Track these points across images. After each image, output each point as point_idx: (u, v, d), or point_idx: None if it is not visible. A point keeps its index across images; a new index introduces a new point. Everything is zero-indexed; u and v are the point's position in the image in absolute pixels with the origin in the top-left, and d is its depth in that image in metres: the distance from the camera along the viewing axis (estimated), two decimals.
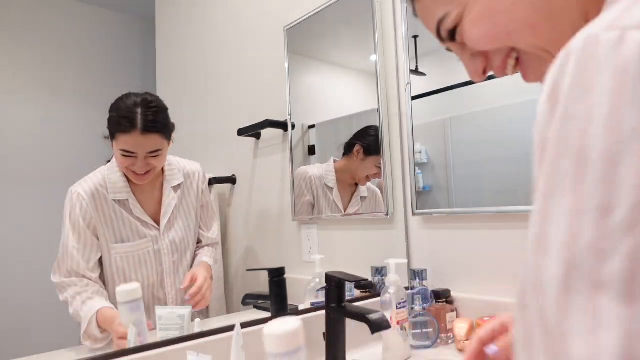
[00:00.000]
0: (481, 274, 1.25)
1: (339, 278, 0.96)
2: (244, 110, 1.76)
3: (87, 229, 1.12)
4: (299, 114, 1.59)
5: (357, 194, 1.50)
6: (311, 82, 1.65)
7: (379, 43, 1.46)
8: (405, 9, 1.43)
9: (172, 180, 1.26)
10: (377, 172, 1.44)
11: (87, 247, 1.12)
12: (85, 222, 1.12)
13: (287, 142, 1.59)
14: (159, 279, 1.21)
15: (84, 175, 1.19)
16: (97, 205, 1.14)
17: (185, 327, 1.00)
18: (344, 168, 1.51)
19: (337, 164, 1.53)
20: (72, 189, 1.15)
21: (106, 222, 1.15)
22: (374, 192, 1.48)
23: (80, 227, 1.12)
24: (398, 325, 1.09)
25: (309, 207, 1.54)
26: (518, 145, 1.17)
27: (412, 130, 1.41)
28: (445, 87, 1.34)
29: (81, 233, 1.12)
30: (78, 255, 1.10)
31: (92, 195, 1.14)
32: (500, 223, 1.22)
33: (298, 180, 1.56)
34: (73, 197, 1.13)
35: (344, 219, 1.51)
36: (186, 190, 1.30)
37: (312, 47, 1.64)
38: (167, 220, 1.23)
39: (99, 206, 1.14)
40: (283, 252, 1.61)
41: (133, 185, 1.19)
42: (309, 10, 1.56)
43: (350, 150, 1.49)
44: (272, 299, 1.11)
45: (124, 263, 1.16)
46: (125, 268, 1.16)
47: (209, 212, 1.37)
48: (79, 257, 1.10)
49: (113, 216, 1.15)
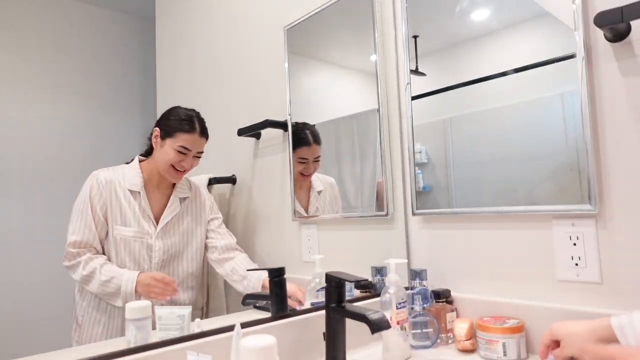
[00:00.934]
0: (481, 274, 1.25)
1: (339, 278, 0.96)
2: (244, 110, 1.75)
3: (99, 209, 1.26)
4: (299, 114, 1.59)
5: (312, 189, 1.55)
6: (311, 82, 1.65)
7: (379, 43, 1.46)
8: (406, 9, 1.43)
9: (180, 192, 1.41)
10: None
11: (96, 224, 1.25)
12: (98, 202, 1.26)
13: (287, 142, 1.59)
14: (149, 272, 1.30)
15: (84, 175, 1.27)
16: (111, 189, 1.28)
17: (185, 327, 1.00)
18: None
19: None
20: (93, 172, 1.30)
21: (116, 205, 1.28)
22: (331, 183, 1.52)
23: (93, 206, 1.26)
24: (398, 325, 1.09)
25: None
26: (518, 145, 1.17)
27: (412, 130, 1.41)
28: (445, 87, 1.34)
29: (93, 211, 1.25)
30: (86, 229, 1.24)
31: (109, 182, 1.29)
32: (500, 223, 1.22)
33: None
34: (92, 179, 1.29)
35: (345, 219, 1.51)
36: (190, 204, 1.43)
37: (312, 47, 1.63)
38: (166, 223, 1.34)
39: (112, 191, 1.28)
40: (283, 252, 1.61)
41: (147, 185, 1.34)
42: (309, 10, 1.56)
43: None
44: (272, 299, 1.11)
45: (120, 245, 1.26)
46: (120, 250, 1.26)
47: (221, 222, 1.50)
48: (87, 231, 1.24)
49: (123, 202, 1.29)
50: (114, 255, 1.25)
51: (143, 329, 0.91)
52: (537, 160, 1.14)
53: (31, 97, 1.61)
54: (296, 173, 1.56)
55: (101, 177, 1.29)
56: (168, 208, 1.36)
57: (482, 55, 1.26)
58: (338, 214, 1.51)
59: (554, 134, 1.10)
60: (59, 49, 1.68)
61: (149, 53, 1.89)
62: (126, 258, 1.26)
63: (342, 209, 1.53)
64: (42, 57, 1.65)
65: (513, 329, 1.06)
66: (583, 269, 1.06)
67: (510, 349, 1.04)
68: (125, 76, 1.80)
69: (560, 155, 1.10)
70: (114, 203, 1.28)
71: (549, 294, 1.11)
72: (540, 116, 1.13)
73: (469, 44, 1.29)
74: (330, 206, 1.54)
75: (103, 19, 1.80)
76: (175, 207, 1.38)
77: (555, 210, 1.10)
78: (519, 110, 1.18)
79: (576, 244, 1.07)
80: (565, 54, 1.08)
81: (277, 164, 1.65)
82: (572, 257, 1.08)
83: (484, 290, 1.24)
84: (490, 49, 1.25)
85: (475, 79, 1.27)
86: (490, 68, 1.24)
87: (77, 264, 1.21)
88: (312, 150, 1.57)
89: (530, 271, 1.15)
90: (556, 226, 1.11)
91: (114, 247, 1.26)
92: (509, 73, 1.19)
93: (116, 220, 1.27)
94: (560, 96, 1.10)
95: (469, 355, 1.12)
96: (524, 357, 1.06)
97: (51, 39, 1.67)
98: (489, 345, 1.07)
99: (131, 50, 1.86)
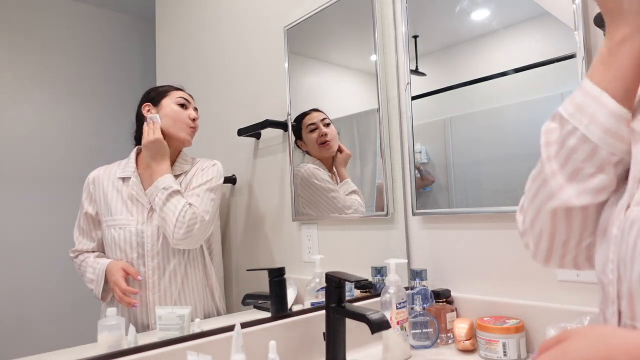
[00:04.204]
0: (481, 274, 1.25)
1: (339, 278, 0.96)
2: (244, 110, 1.75)
3: (91, 209, 1.25)
4: (299, 114, 1.59)
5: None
6: (311, 82, 1.65)
7: (379, 43, 1.46)
8: (406, 9, 1.43)
9: (177, 169, 1.33)
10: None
11: (89, 226, 1.25)
12: (90, 204, 1.26)
13: (287, 142, 1.59)
14: (140, 261, 1.22)
15: (84, 175, 1.26)
16: (99, 185, 1.27)
17: (185, 327, 1.00)
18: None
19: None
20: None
21: (104, 198, 1.26)
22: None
23: (85, 207, 1.25)
24: (398, 325, 1.09)
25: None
26: (518, 145, 1.17)
27: (412, 130, 1.41)
28: (445, 87, 1.34)
29: (84, 213, 1.25)
30: (81, 234, 1.25)
31: (97, 177, 1.27)
32: (500, 223, 1.22)
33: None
34: (86, 180, 1.28)
35: (345, 219, 1.51)
36: (187, 178, 1.32)
37: (312, 47, 1.64)
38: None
39: (100, 186, 1.27)
40: (283, 252, 1.61)
41: (141, 168, 1.28)
42: (309, 10, 1.56)
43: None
44: (272, 299, 1.11)
45: (110, 237, 1.23)
46: (111, 242, 1.22)
47: (198, 183, 1.32)
48: (81, 236, 1.25)
49: (111, 192, 1.26)
50: (108, 250, 1.23)
51: (116, 328, 0.92)
52: (537, 160, 1.14)
53: (31, 97, 1.61)
54: (314, 149, 1.53)
55: (90, 176, 1.28)
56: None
57: (482, 55, 1.26)
58: (347, 214, 1.51)
59: None
60: (59, 49, 1.68)
61: (149, 53, 1.89)
62: (116, 249, 1.21)
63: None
64: (42, 57, 1.65)
65: (513, 329, 1.06)
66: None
67: (510, 349, 1.04)
68: (125, 76, 1.80)
69: None
70: (102, 197, 1.26)
71: (549, 294, 1.11)
72: (540, 116, 1.13)
73: (469, 44, 1.29)
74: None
75: (103, 19, 1.80)
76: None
77: None
78: (519, 110, 1.18)
79: None
80: (565, 54, 1.08)
81: (277, 164, 1.65)
82: None
83: (484, 290, 1.24)
84: (490, 49, 1.25)
85: (475, 79, 1.27)
86: (490, 68, 1.24)
87: (74, 262, 1.22)
88: (314, 114, 1.54)
89: (530, 271, 1.15)
90: None
91: (108, 242, 1.23)
92: (509, 73, 1.19)
93: (105, 213, 1.24)
94: (561, 96, 1.10)
95: (469, 355, 1.12)
96: (524, 357, 1.06)
97: (51, 39, 1.67)
98: (489, 345, 1.07)
99: (131, 50, 1.86)
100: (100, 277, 1.18)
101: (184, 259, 1.27)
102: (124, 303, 1.16)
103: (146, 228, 1.23)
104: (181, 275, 1.26)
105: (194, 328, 1.01)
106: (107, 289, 1.19)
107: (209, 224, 1.28)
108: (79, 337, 1.06)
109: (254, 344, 0.97)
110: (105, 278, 1.18)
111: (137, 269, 1.21)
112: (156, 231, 1.24)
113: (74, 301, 1.31)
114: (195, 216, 1.22)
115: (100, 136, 1.56)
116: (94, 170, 1.30)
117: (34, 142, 1.60)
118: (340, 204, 1.51)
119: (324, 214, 1.51)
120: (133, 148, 1.34)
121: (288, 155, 1.59)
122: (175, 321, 1.00)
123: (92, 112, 1.61)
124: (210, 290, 1.37)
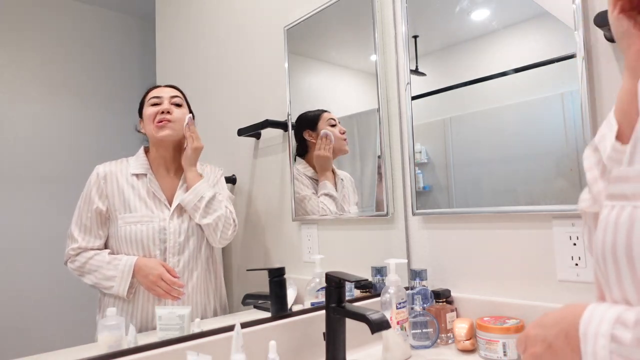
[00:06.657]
0: (481, 274, 1.25)
1: (339, 278, 0.96)
2: (244, 110, 1.75)
3: (101, 204, 1.23)
4: (299, 114, 1.59)
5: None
6: (311, 82, 1.65)
7: (379, 43, 1.46)
8: (406, 9, 1.43)
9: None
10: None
11: (97, 222, 1.23)
12: (100, 198, 1.23)
13: (287, 142, 1.59)
14: (162, 258, 1.24)
15: (84, 175, 1.24)
16: (112, 180, 1.26)
17: (185, 327, 1.00)
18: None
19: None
20: (96, 167, 1.28)
21: (120, 194, 1.24)
22: (346, 175, 1.53)
23: (93, 202, 1.23)
24: (398, 325, 1.09)
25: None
26: (518, 145, 1.17)
27: (412, 130, 1.41)
28: (445, 87, 1.34)
29: (93, 207, 1.23)
30: (85, 230, 1.22)
31: (110, 173, 1.26)
32: (500, 223, 1.22)
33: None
34: (93, 174, 1.26)
35: (345, 219, 1.51)
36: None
37: (312, 47, 1.63)
38: (179, 203, 1.29)
39: (114, 181, 1.25)
40: (283, 252, 1.61)
41: (157, 170, 1.30)
42: (309, 10, 1.56)
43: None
44: (272, 299, 1.11)
45: (128, 234, 1.21)
46: (128, 240, 1.21)
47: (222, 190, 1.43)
48: (84, 233, 1.22)
49: (127, 188, 1.25)
50: (122, 247, 1.21)
51: (117, 328, 0.91)
52: (537, 160, 1.14)
53: (31, 97, 1.61)
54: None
55: (101, 170, 1.26)
56: (180, 188, 1.31)
57: (482, 55, 1.26)
58: (346, 213, 1.51)
59: (554, 134, 1.10)
60: (58, 49, 1.68)
61: (149, 53, 1.89)
62: (133, 247, 1.21)
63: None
64: (42, 57, 1.65)
65: (513, 329, 1.06)
66: (583, 269, 1.06)
67: (510, 349, 1.04)
68: (125, 76, 1.80)
69: (560, 155, 1.10)
70: (117, 193, 1.24)
71: (549, 294, 1.11)
72: (540, 116, 1.13)
73: (469, 44, 1.29)
74: (353, 196, 1.53)
75: (103, 19, 1.80)
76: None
77: (555, 210, 1.10)
78: (519, 110, 1.18)
79: (576, 244, 1.07)
80: (566, 54, 1.08)
81: (277, 164, 1.65)
82: (572, 257, 1.08)
83: (484, 290, 1.24)
84: (490, 49, 1.25)
85: (475, 79, 1.27)
86: (490, 68, 1.24)
87: (73, 261, 1.20)
88: (326, 115, 1.53)
89: (530, 271, 1.15)
90: (556, 226, 1.11)
91: (123, 238, 1.21)
92: (509, 73, 1.19)
93: (120, 209, 1.23)
94: (561, 96, 1.10)
95: (469, 355, 1.12)
96: None
97: (51, 39, 1.67)
98: (489, 345, 1.07)
99: (131, 50, 1.86)
100: (127, 273, 1.17)
101: (200, 256, 1.30)
102: (168, 297, 1.18)
103: (168, 225, 1.25)
104: (197, 273, 1.29)
105: (194, 328, 1.01)
106: (132, 285, 1.18)
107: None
108: (79, 337, 1.06)
109: (254, 344, 0.97)
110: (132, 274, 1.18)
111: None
112: (178, 228, 1.26)
113: (74, 301, 1.31)
114: (234, 219, 1.34)
115: (100, 136, 1.56)
116: (99, 165, 1.28)
117: (33, 142, 1.60)
118: (309, 208, 1.53)
119: (309, 217, 1.52)
120: (134, 146, 1.35)
121: (288, 156, 1.59)
122: (175, 321, 1.00)
123: (92, 111, 1.61)
124: (219, 288, 1.39)
